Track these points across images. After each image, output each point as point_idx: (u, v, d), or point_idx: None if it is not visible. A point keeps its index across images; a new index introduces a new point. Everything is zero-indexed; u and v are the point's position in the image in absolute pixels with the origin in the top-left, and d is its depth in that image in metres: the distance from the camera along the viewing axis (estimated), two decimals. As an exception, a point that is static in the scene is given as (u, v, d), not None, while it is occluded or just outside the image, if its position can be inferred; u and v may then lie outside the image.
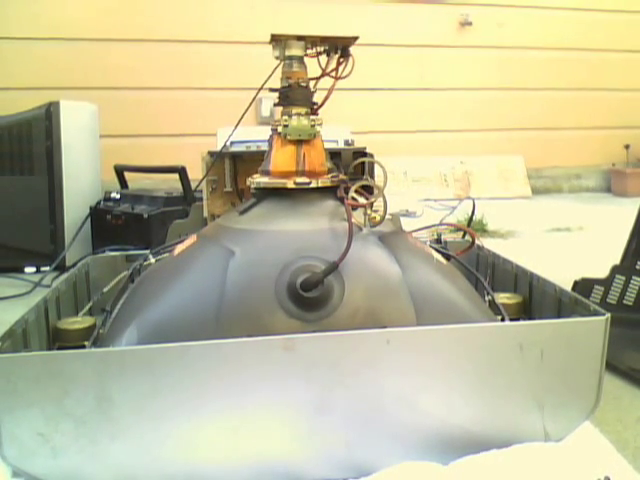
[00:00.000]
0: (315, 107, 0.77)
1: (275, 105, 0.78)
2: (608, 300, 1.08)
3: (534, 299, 0.84)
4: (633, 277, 1.06)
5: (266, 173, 0.76)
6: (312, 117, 0.76)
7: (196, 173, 1.20)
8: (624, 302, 1.06)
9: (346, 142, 1.11)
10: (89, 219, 1.71)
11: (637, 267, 1.07)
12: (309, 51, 0.77)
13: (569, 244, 1.97)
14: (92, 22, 2.74)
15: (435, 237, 1.10)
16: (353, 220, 0.67)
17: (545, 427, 0.64)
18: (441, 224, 1.61)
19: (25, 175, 1.69)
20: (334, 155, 0.87)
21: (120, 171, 1.88)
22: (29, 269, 1.63)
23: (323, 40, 0.77)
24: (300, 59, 0.76)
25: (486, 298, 0.80)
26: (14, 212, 1.68)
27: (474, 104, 3.27)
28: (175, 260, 0.74)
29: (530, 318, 0.83)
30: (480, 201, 1.51)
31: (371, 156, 1.02)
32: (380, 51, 3.02)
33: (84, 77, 2.70)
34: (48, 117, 1.64)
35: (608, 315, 0.64)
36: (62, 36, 2.71)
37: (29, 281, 1.48)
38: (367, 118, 3.01)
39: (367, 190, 0.80)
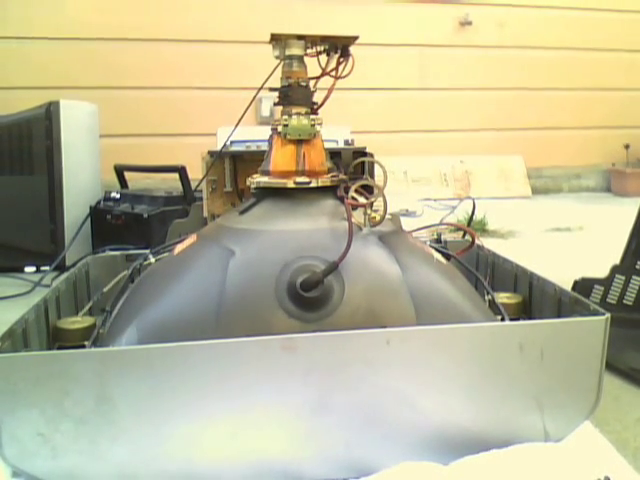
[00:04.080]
0: (315, 107, 0.77)
1: (275, 105, 0.78)
2: (608, 300, 1.08)
3: (534, 299, 0.84)
4: (633, 277, 1.06)
5: (266, 173, 0.76)
6: (312, 117, 0.76)
7: (196, 173, 1.20)
8: (624, 302, 1.06)
9: (346, 142, 1.11)
10: (89, 219, 1.71)
11: (637, 267, 1.07)
12: (309, 50, 0.77)
13: (569, 244, 1.97)
14: (92, 22, 2.74)
15: (435, 237, 1.09)
16: (353, 220, 0.67)
17: (545, 427, 0.64)
18: (441, 224, 1.61)
19: (25, 175, 1.70)
20: (334, 155, 0.87)
21: (120, 171, 1.88)
22: (29, 269, 1.63)
23: (323, 39, 0.77)
24: (300, 58, 0.76)
25: (486, 298, 0.80)
26: (14, 212, 1.68)
27: (474, 103, 3.27)
28: (175, 260, 0.74)
29: (530, 318, 0.83)
30: (480, 201, 1.51)
31: (371, 156, 1.02)
32: (380, 51, 3.02)
33: (84, 77, 2.71)
34: (48, 117, 1.64)
35: (608, 315, 0.64)
36: (62, 36, 2.71)
37: (29, 281, 1.48)
38: (367, 118, 3.01)
39: (367, 190, 0.80)
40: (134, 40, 2.80)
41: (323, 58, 0.79)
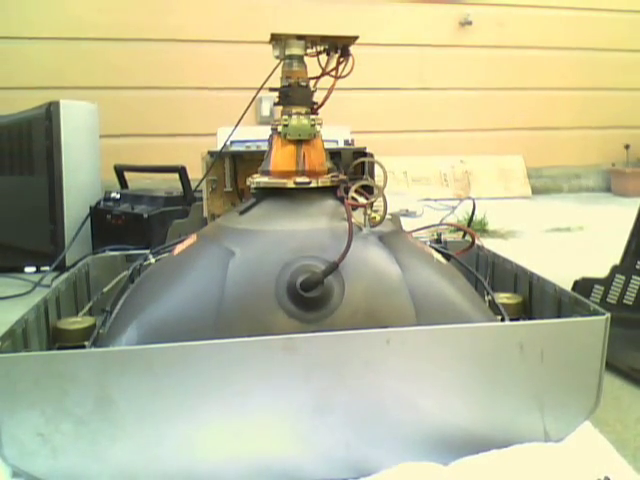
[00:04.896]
0: (315, 107, 0.77)
1: (275, 105, 0.78)
2: (608, 300, 1.07)
3: (534, 299, 0.84)
4: (633, 277, 1.06)
5: (266, 173, 0.76)
6: (312, 117, 0.76)
7: (196, 173, 1.20)
8: (624, 302, 1.06)
9: (346, 142, 1.11)
10: (89, 219, 1.71)
11: (637, 267, 1.07)
12: (309, 50, 0.77)
13: (569, 244, 1.97)
14: (92, 22, 2.74)
15: (435, 237, 1.10)
16: (353, 220, 0.67)
17: (545, 427, 0.64)
18: (441, 224, 1.61)
19: (25, 175, 1.69)
20: (334, 155, 0.87)
21: (120, 171, 1.88)
22: (29, 269, 1.62)
23: (323, 39, 0.77)
24: (300, 58, 0.76)
25: (486, 298, 0.80)
26: (14, 212, 1.68)
27: (474, 104, 3.27)
28: (175, 260, 0.74)
29: (530, 318, 0.83)
30: (480, 201, 1.51)
31: (371, 156, 1.02)
32: (380, 51, 3.02)
33: (84, 76, 2.70)
34: (48, 117, 1.64)
35: (608, 315, 0.64)
36: (62, 36, 2.71)
37: (29, 281, 1.48)
38: (367, 118, 3.01)
39: (367, 190, 0.80)
40: (134, 40, 2.80)
41: (323, 58, 0.79)
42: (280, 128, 0.75)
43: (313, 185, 0.73)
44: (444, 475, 0.61)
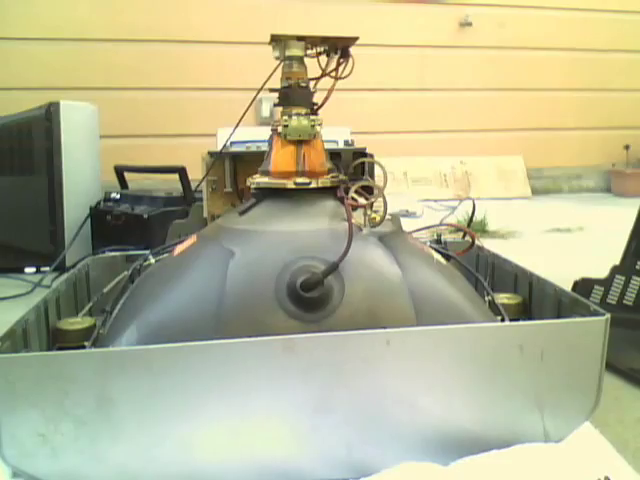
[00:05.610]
0: (315, 107, 0.77)
1: (275, 105, 0.78)
2: (608, 300, 1.07)
3: (534, 299, 0.84)
4: (633, 277, 1.06)
5: (266, 173, 0.76)
6: (312, 117, 0.75)
7: (196, 173, 1.20)
8: (624, 302, 1.06)
9: (346, 142, 1.11)
10: (89, 219, 1.71)
11: (637, 267, 1.07)
12: (309, 51, 0.77)
13: (569, 244, 1.97)
14: (92, 22, 2.74)
15: (435, 237, 1.09)
16: (353, 220, 0.67)
17: (545, 427, 0.64)
18: (441, 224, 1.61)
19: (25, 175, 1.70)
20: (334, 155, 0.87)
21: (120, 171, 1.88)
22: (29, 269, 1.63)
23: (323, 40, 0.77)
24: (300, 59, 0.76)
25: (486, 298, 0.80)
26: (14, 212, 1.69)
27: (474, 104, 3.27)
28: (175, 260, 0.74)
29: (530, 318, 0.83)
30: (480, 201, 1.51)
31: (371, 156, 1.02)
32: (380, 51, 3.02)
33: (84, 77, 2.71)
34: (48, 117, 1.64)
35: (608, 315, 0.64)
36: (62, 36, 2.71)
37: (29, 281, 1.48)
38: (367, 118, 3.01)
39: (367, 190, 0.80)
40: (134, 40, 2.80)
41: (323, 59, 0.79)
42: (280, 129, 0.75)
43: (313, 186, 0.73)
44: (444, 475, 0.61)
